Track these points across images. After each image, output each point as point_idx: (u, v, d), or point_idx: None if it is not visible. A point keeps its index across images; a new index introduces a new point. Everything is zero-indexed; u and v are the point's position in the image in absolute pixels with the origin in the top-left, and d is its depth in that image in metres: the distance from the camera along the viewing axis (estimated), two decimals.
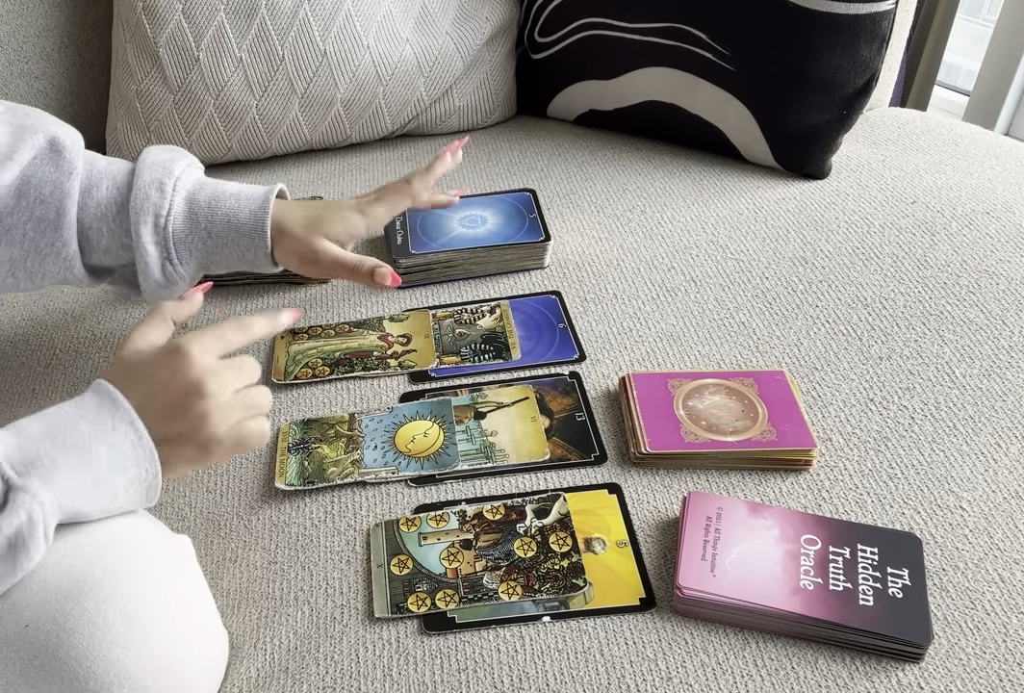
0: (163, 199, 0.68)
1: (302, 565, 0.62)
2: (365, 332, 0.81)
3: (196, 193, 0.70)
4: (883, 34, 0.91)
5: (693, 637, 0.56)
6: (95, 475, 0.50)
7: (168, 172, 0.69)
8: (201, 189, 0.71)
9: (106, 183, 0.69)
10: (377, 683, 0.55)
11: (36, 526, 0.47)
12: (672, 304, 0.82)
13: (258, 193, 0.72)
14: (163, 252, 0.69)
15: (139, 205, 0.68)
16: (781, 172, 1.01)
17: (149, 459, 0.53)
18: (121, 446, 0.52)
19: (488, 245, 0.86)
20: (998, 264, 0.84)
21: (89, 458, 0.50)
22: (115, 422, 0.52)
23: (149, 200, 0.68)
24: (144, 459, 0.53)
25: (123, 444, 0.52)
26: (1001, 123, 1.57)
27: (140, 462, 0.52)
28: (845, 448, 0.68)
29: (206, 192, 0.70)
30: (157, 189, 0.68)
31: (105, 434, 0.52)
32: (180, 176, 0.70)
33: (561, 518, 0.63)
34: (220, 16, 0.98)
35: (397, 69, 1.03)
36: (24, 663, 0.47)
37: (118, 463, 0.52)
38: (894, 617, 0.54)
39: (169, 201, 0.68)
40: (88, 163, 0.70)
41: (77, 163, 0.68)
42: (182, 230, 0.69)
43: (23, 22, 1.02)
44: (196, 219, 0.70)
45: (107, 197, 0.68)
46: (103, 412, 0.52)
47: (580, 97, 1.10)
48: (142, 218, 0.68)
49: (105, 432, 0.52)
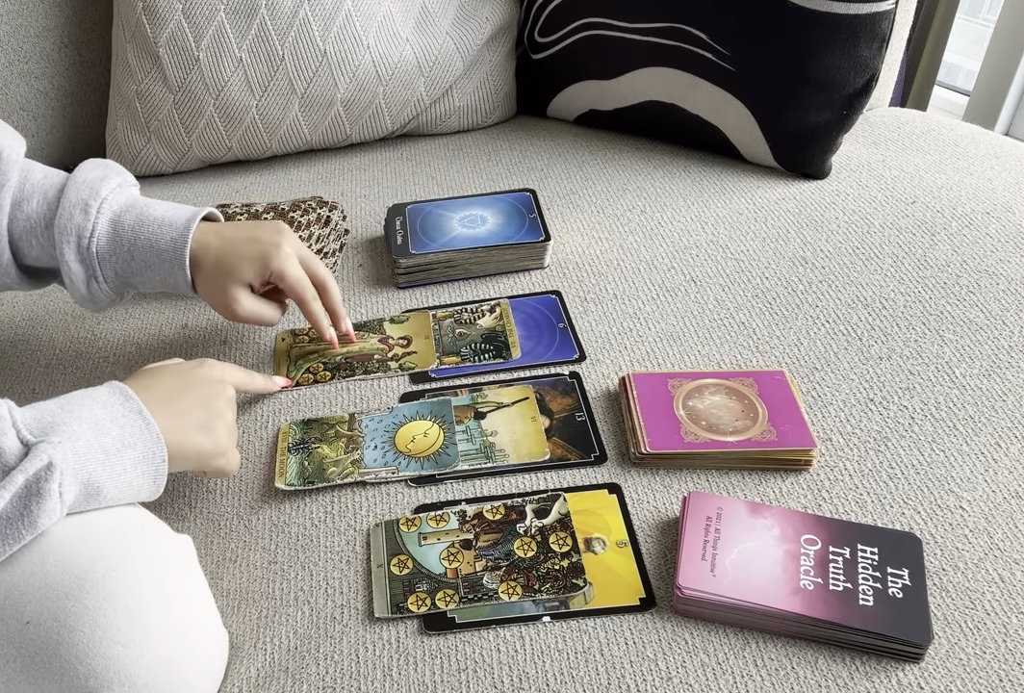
0: (87, 221, 0.69)
1: (302, 565, 0.62)
2: (366, 335, 0.81)
3: (121, 215, 0.70)
4: (883, 34, 0.91)
5: (693, 637, 0.56)
6: (105, 446, 0.53)
7: (95, 193, 0.69)
8: (127, 211, 0.70)
9: (37, 197, 0.70)
10: (377, 683, 0.55)
11: (54, 472, 0.49)
12: (672, 304, 0.82)
13: (181, 219, 0.71)
14: (88, 270, 0.70)
15: (63, 225, 0.68)
16: (781, 172, 1.01)
17: (156, 443, 0.56)
18: (130, 428, 0.55)
19: (488, 245, 0.86)
20: (998, 264, 0.84)
21: (101, 431, 0.53)
22: (124, 410, 0.56)
23: (73, 220, 0.68)
24: (151, 442, 0.56)
25: (132, 427, 0.55)
26: (1001, 123, 1.57)
27: (148, 444, 0.56)
28: (845, 448, 0.68)
29: (131, 215, 0.70)
30: (82, 210, 0.69)
31: (115, 416, 0.55)
32: (107, 197, 0.70)
33: (561, 518, 0.63)
34: (220, 16, 0.98)
35: (397, 69, 1.03)
36: (25, 660, 0.47)
37: (127, 440, 0.54)
38: (894, 617, 0.54)
39: (92, 222, 0.69)
40: (23, 174, 0.70)
41: (12, 175, 0.69)
42: (107, 251, 0.70)
43: (23, 22, 1.03)
44: (120, 241, 0.70)
45: (36, 212, 0.69)
46: (114, 401, 0.56)
47: (580, 97, 1.10)
48: (66, 238, 0.69)
49: (115, 415, 0.55)
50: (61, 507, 0.50)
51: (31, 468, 0.48)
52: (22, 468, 0.48)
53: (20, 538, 0.49)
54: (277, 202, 0.92)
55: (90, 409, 0.54)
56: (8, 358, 0.82)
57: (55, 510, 0.49)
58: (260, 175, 1.07)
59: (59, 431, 0.51)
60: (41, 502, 0.49)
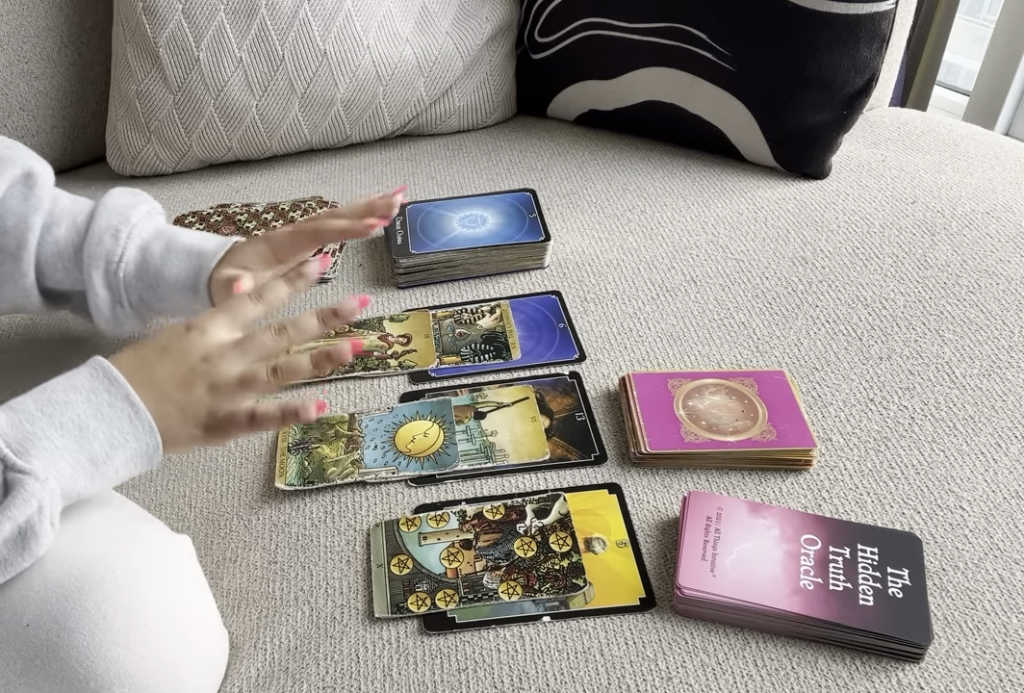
0: (116, 246, 0.70)
1: (302, 565, 0.62)
2: (365, 332, 0.81)
3: (150, 242, 0.71)
4: (883, 34, 0.91)
5: (693, 637, 0.56)
6: (93, 455, 0.51)
7: (125, 219, 0.70)
8: (156, 239, 0.71)
9: (66, 222, 0.71)
10: (377, 683, 0.55)
11: (44, 514, 0.48)
12: (672, 304, 0.82)
13: (210, 248, 0.71)
14: (114, 295, 0.71)
15: (92, 249, 0.69)
16: (781, 172, 1.01)
17: (149, 433, 0.53)
18: (118, 422, 0.52)
19: (488, 245, 0.86)
20: (998, 264, 0.84)
21: (86, 437, 0.51)
22: (111, 397, 0.52)
23: (103, 245, 0.69)
24: (143, 433, 0.53)
25: (120, 419, 0.52)
26: (1001, 123, 1.56)
27: (139, 436, 0.53)
28: (845, 448, 0.68)
29: (160, 243, 0.71)
30: (112, 235, 0.70)
31: (101, 410, 0.52)
32: (136, 224, 0.71)
33: (561, 518, 0.63)
34: (220, 16, 0.98)
35: (397, 69, 1.03)
36: (25, 662, 0.47)
37: (117, 439, 0.52)
38: (894, 617, 0.54)
39: (122, 248, 0.70)
40: (52, 200, 0.71)
41: (45, 199, 0.71)
42: (134, 276, 0.71)
43: (23, 22, 1.02)
44: (147, 268, 0.71)
45: (65, 236, 0.70)
46: (97, 387, 0.52)
47: (580, 97, 1.10)
48: (94, 262, 0.70)
49: (101, 408, 0.52)
50: (52, 532, 0.49)
51: (20, 516, 0.47)
52: (10, 515, 0.47)
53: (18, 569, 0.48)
54: (277, 202, 0.92)
55: (73, 408, 0.51)
56: (8, 358, 0.82)
57: (49, 539, 0.49)
58: (260, 175, 1.07)
59: (40, 447, 0.49)
60: (37, 540, 0.48)
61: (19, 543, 0.48)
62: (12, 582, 0.49)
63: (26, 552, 0.48)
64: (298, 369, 0.57)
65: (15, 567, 0.48)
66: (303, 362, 0.57)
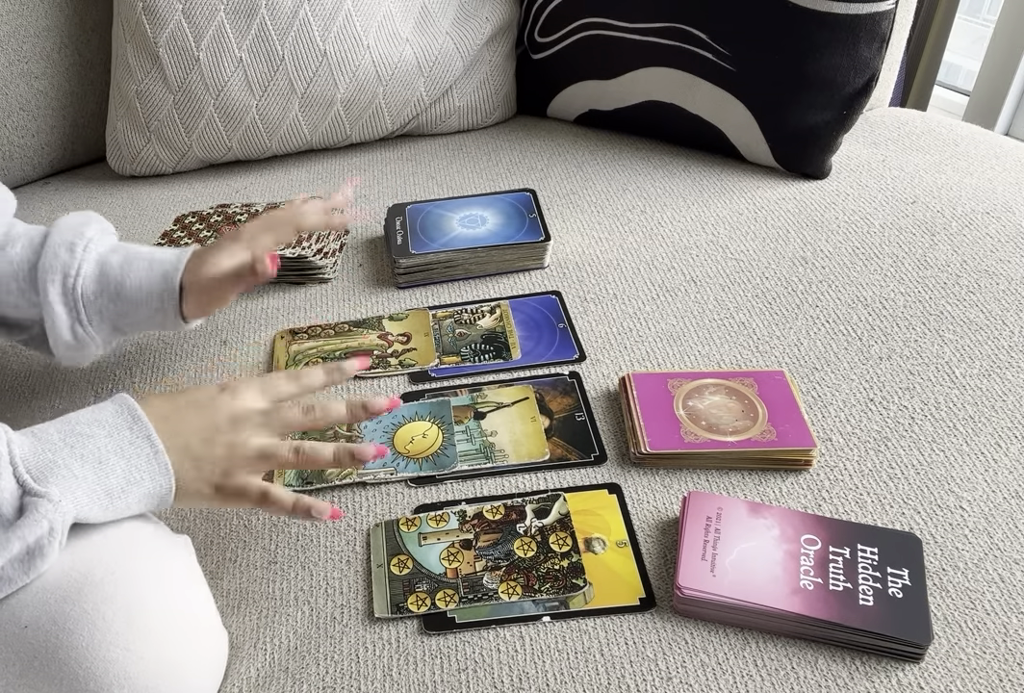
0: (72, 259, 0.68)
1: (302, 565, 0.62)
2: (365, 331, 0.81)
3: (108, 255, 0.70)
4: (883, 34, 0.91)
5: (693, 637, 0.56)
6: (109, 488, 0.51)
7: (80, 234, 0.69)
8: (113, 252, 0.70)
9: (22, 242, 0.70)
10: (377, 683, 0.55)
11: (55, 536, 0.48)
12: (672, 304, 0.82)
13: (171, 255, 0.70)
14: (72, 313, 0.68)
15: (48, 263, 0.68)
16: (781, 172, 1.01)
17: (164, 475, 0.54)
18: (137, 459, 0.53)
19: (488, 245, 0.86)
20: (998, 264, 0.84)
21: (104, 471, 0.51)
22: (133, 435, 0.53)
23: (59, 259, 0.68)
24: (160, 474, 0.53)
25: (139, 458, 0.53)
26: (1001, 123, 1.56)
27: (155, 477, 0.53)
28: (845, 448, 0.68)
29: (118, 255, 0.70)
30: (67, 249, 0.68)
31: (122, 447, 0.53)
32: (92, 238, 0.70)
33: (561, 518, 0.63)
34: (220, 16, 0.98)
35: (397, 69, 1.03)
36: (24, 664, 0.47)
37: (133, 476, 0.52)
38: (894, 617, 0.54)
39: (79, 261, 0.68)
40: (8, 225, 0.71)
41: (2, 224, 0.70)
42: (92, 291, 0.69)
43: (23, 22, 1.02)
44: (107, 280, 0.69)
45: (20, 255, 0.69)
46: (120, 424, 0.53)
47: (580, 97, 1.10)
48: (51, 277, 0.68)
49: (123, 444, 0.53)
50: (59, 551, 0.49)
51: (31, 535, 0.47)
52: (20, 534, 0.47)
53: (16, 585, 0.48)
54: (277, 202, 0.92)
55: (94, 440, 0.52)
56: (8, 358, 0.82)
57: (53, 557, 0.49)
58: (260, 175, 1.07)
59: (59, 475, 0.49)
60: (43, 560, 0.48)
61: (25, 562, 0.48)
62: None
63: (31, 570, 0.48)
64: (318, 458, 0.58)
65: (16, 584, 0.48)
66: (326, 453, 0.58)
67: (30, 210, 1.05)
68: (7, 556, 0.47)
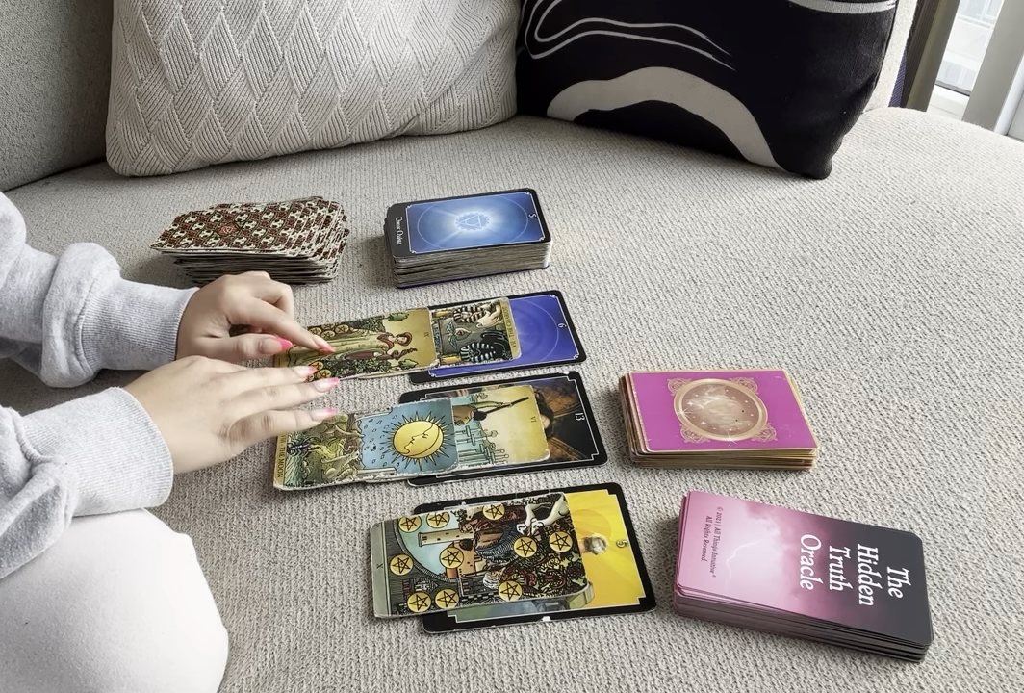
0: (78, 299, 0.73)
1: (302, 565, 0.62)
2: (365, 332, 0.81)
3: (111, 297, 0.74)
4: (883, 34, 0.91)
5: (693, 637, 0.56)
6: (111, 462, 0.53)
7: (86, 273, 0.73)
8: (116, 293, 0.74)
9: (31, 271, 0.74)
10: (377, 683, 0.55)
11: (60, 497, 0.49)
12: (672, 304, 0.82)
13: (170, 303, 0.75)
14: (71, 347, 0.73)
15: (54, 301, 0.72)
16: (781, 172, 1.01)
17: (163, 456, 0.56)
18: (136, 441, 0.55)
19: (488, 245, 0.86)
20: (998, 264, 0.84)
21: (106, 447, 0.53)
22: (131, 421, 0.56)
23: (64, 297, 0.72)
24: (158, 455, 0.56)
25: (138, 440, 0.55)
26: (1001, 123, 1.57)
27: (154, 458, 0.56)
28: (845, 448, 0.68)
29: (120, 297, 0.74)
30: (74, 288, 0.73)
31: (121, 429, 0.55)
32: (97, 278, 0.74)
33: (561, 518, 0.63)
34: (220, 16, 0.98)
35: (397, 69, 1.03)
36: (24, 660, 0.47)
37: (134, 454, 0.55)
38: (894, 617, 0.54)
39: (84, 301, 0.73)
40: (19, 251, 0.74)
41: (16, 248, 0.74)
42: (93, 329, 0.73)
43: (23, 22, 1.03)
44: (108, 321, 0.73)
45: (28, 284, 0.73)
46: (119, 411, 0.56)
47: (580, 97, 1.10)
48: (55, 313, 0.72)
49: (121, 428, 0.55)
50: (66, 526, 0.50)
51: (37, 491, 0.48)
52: (28, 491, 0.48)
53: (25, 558, 0.49)
54: (277, 202, 0.92)
55: (95, 421, 0.54)
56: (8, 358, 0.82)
57: (59, 531, 0.50)
58: (260, 175, 1.07)
59: (64, 447, 0.51)
60: (48, 526, 0.49)
61: (31, 523, 0.48)
62: (11, 579, 0.49)
63: (35, 536, 0.48)
64: (293, 396, 0.68)
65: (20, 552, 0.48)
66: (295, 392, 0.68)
67: (30, 210, 1.05)
68: (16, 512, 0.47)
